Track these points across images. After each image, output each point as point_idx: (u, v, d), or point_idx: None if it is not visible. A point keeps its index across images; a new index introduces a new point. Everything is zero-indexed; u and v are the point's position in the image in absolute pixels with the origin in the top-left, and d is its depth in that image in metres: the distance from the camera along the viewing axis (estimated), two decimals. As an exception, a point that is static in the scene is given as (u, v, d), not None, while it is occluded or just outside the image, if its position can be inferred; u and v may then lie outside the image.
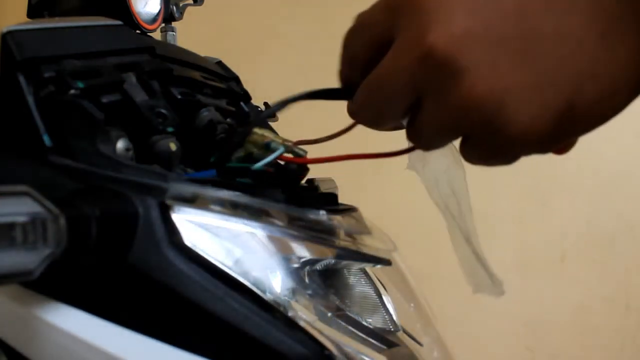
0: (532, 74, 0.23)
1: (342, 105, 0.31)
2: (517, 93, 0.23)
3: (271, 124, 0.54)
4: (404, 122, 0.28)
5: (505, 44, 0.23)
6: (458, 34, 0.23)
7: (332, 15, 1.53)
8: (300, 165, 0.35)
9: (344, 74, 0.30)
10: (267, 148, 0.35)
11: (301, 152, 0.36)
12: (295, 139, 0.36)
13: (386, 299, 0.42)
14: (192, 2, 0.66)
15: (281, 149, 0.34)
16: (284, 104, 0.33)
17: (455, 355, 0.45)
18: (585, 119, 0.24)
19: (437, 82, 0.24)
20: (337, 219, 0.38)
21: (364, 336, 0.36)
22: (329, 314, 0.35)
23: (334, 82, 0.31)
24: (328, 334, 0.33)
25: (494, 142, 0.25)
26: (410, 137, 0.28)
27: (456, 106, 0.24)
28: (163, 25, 0.62)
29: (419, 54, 0.24)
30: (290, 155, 0.35)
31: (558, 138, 0.25)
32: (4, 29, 0.35)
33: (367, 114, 0.29)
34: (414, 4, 0.24)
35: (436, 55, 0.23)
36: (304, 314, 0.33)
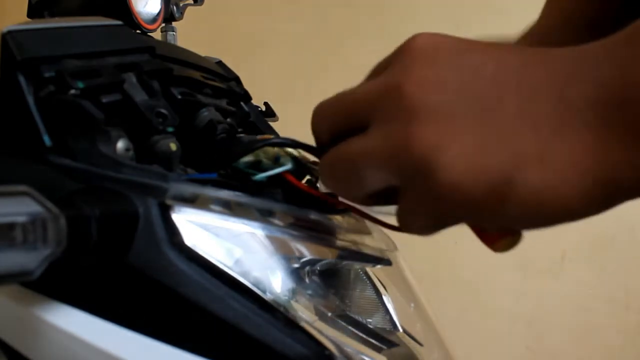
0: (481, 136, 0.24)
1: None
2: (461, 146, 0.24)
3: (271, 124, 0.54)
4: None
5: (469, 101, 0.24)
6: (431, 79, 0.25)
7: (332, 15, 1.53)
8: (301, 167, 0.35)
9: (317, 133, 0.31)
10: (276, 161, 0.35)
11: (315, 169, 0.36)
12: (294, 139, 0.36)
13: (386, 299, 0.42)
14: (192, 2, 0.66)
15: (287, 167, 0.34)
16: (263, 144, 0.34)
17: (455, 355, 0.45)
18: (520, 203, 0.23)
19: (390, 108, 0.25)
20: (337, 219, 0.38)
21: (364, 336, 0.36)
22: (329, 314, 0.35)
23: (332, 82, 0.31)
24: (328, 334, 0.33)
25: (422, 188, 0.25)
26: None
27: (400, 134, 0.25)
28: (163, 25, 0.62)
29: (389, 82, 0.26)
30: (293, 176, 0.35)
31: (487, 210, 0.24)
32: (4, 29, 0.35)
33: (323, 114, 0.30)
34: (407, 46, 0.26)
35: (404, 88, 0.25)
36: (304, 314, 0.33)
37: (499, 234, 0.28)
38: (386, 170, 0.26)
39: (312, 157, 0.36)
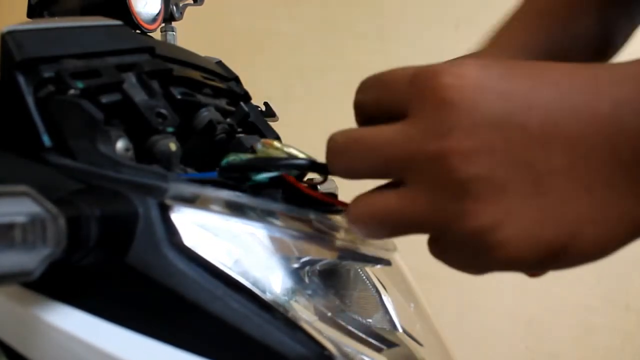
0: (536, 208, 0.23)
1: (344, 107, 0.31)
2: (517, 220, 0.23)
3: (271, 124, 0.55)
4: None
5: (520, 169, 0.23)
6: (478, 147, 0.23)
7: (332, 15, 1.53)
8: (300, 167, 0.35)
9: (336, 172, 0.28)
10: None
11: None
12: (294, 139, 0.36)
13: (386, 299, 0.42)
14: (192, 2, 0.66)
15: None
16: (282, 165, 0.33)
17: (455, 355, 0.45)
18: (572, 260, 0.24)
19: (433, 177, 0.23)
20: (337, 219, 0.38)
21: (364, 336, 0.36)
22: (329, 314, 0.35)
23: (332, 82, 0.31)
24: (328, 334, 0.33)
25: (475, 255, 0.24)
26: None
27: (451, 209, 0.23)
28: (163, 25, 0.62)
29: (431, 150, 0.23)
30: (294, 178, 0.34)
31: (539, 269, 0.24)
32: (4, 29, 0.35)
33: (342, 159, 0.27)
34: (441, 96, 0.23)
35: (450, 160, 0.23)
36: (304, 314, 0.33)
37: None
38: (429, 232, 0.25)
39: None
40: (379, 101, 0.27)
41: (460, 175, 0.23)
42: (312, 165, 0.33)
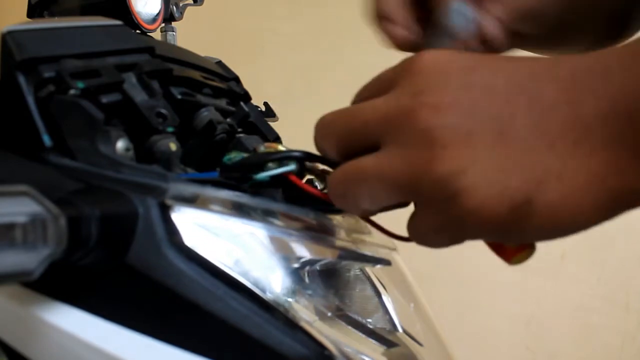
0: (500, 157, 0.24)
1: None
2: (482, 169, 0.24)
3: (271, 123, 0.55)
4: None
5: (485, 121, 0.24)
6: (446, 102, 0.25)
7: (332, 15, 1.53)
8: (301, 167, 0.35)
9: (322, 149, 0.31)
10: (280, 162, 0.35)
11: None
12: (294, 139, 0.36)
13: (386, 299, 0.42)
14: (192, 2, 0.66)
15: (290, 167, 0.34)
16: (277, 157, 0.33)
17: (455, 355, 0.45)
18: (541, 220, 0.24)
19: (405, 133, 0.25)
20: (337, 219, 0.38)
21: (364, 336, 0.36)
22: (329, 314, 0.35)
23: (332, 82, 0.31)
24: (328, 334, 0.33)
25: (443, 210, 0.25)
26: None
27: (419, 158, 0.25)
28: (163, 25, 0.62)
29: (403, 106, 0.26)
30: (296, 177, 0.34)
31: (509, 230, 0.25)
32: (4, 29, 0.35)
33: (328, 129, 0.29)
34: (417, 66, 0.26)
35: (419, 113, 0.25)
36: (304, 314, 0.33)
37: (516, 248, 0.29)
38: (404, 191, 0.26)
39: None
40: (371, 93, 0.29)
41: (428, 125, 0.25)
42: (308, 156, 0.34)
